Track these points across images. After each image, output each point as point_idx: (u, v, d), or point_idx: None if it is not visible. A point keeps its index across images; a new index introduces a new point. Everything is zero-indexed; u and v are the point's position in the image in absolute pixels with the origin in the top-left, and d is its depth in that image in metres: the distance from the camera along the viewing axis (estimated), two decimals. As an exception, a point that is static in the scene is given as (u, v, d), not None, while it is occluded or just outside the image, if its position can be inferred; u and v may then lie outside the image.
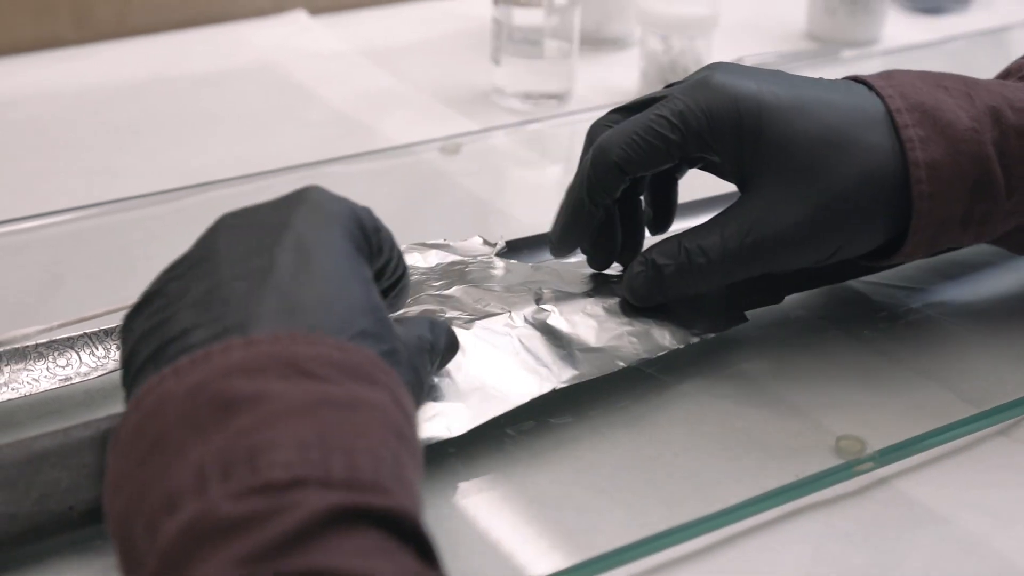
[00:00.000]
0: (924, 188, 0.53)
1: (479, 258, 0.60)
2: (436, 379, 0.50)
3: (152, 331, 0.40)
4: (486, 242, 0.63)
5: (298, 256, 0.41)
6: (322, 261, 0.41)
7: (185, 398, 0.36)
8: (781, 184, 0.53)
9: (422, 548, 0.34)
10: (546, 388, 0.51)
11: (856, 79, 0.57)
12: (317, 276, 0.40)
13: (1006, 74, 0.61)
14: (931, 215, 0.54)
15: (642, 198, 0.59)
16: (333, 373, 0.37)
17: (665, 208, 0.60)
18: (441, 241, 0.62)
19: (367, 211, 0.45)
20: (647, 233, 0.60)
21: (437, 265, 0.60)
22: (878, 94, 0.55)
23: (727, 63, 0.56)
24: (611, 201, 0.55)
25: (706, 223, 0.55)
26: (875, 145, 0.53)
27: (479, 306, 0.54)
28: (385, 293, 0.48)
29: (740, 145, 0.53)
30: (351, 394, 0.37)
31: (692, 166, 0.58)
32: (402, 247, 0.49)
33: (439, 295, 0.56)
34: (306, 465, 0.33)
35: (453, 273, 0.58)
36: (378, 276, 0.47)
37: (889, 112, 0.54)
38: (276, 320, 0.38)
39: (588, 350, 0.53)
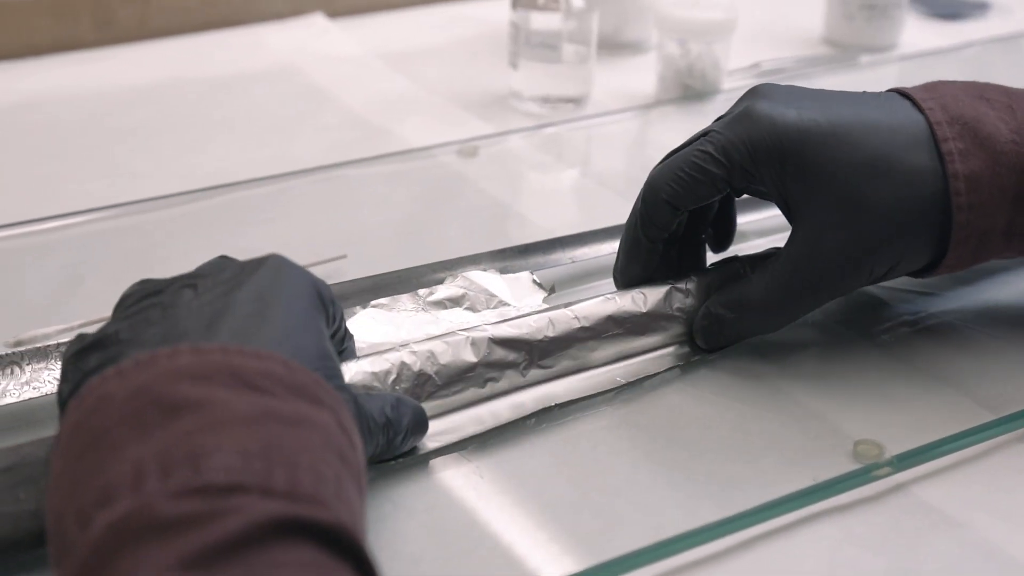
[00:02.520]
0: (963, 200, 0.53)
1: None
2: None
3: (99, 363, 0.39)
4: (536, 282, 0.61)
5: (256, 304, 0.41)
6: (279, 309, 0.42)
7: (128, 398, 0.36)
8: (826, 212, 0.54)
9: (361, 567, 0.33)
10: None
11: (899, 92, 0.57)
12: (272, 320, 0.41)
13: None
14: (971, 227, 0.54)
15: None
16: (279, 389, 0.37)
17: (725, 228, 0.60)
18: (493, 272, 0.61)
19: (324, 283, 0.46)
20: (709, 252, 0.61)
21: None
22: (919, 107, 0.55)
23: (769, 86, 0.56)
24: (666, 235, 0.56)
25: (763, 263, 0.56)
26: (918, 166, 0.53)
27: None
28: None
29: (783, 176, 0.54)
30: (296, 411, 0.37)
31: (740, 195, 0.58)
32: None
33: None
34: (248, 472, 0.33)
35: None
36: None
37: (930, 126, 0.54)
38: (226, 342, 0.39)
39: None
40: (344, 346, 0.50)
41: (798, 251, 0.54)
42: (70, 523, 0.34)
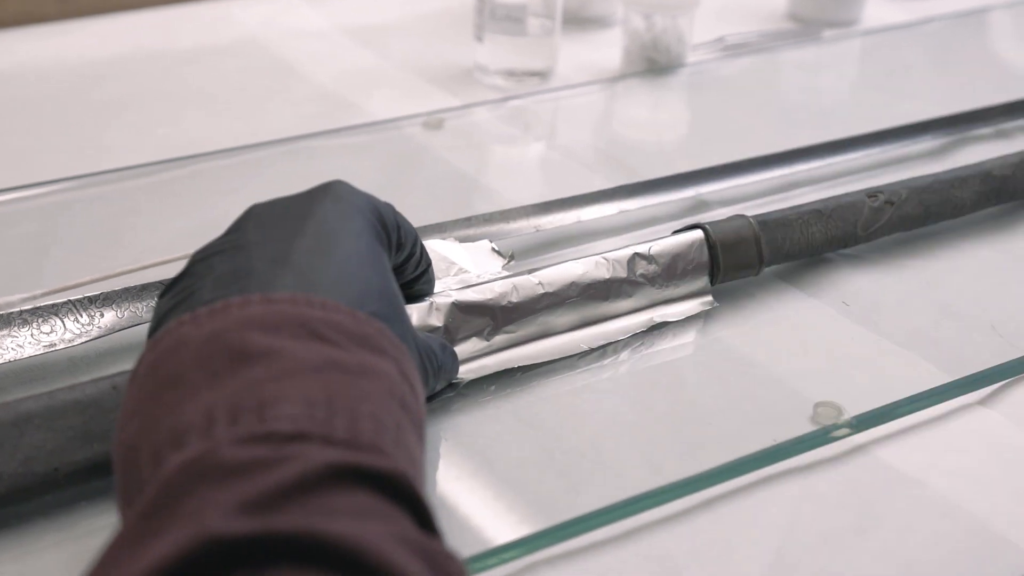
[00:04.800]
0: None
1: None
2: None
3: (177, 305, 0.41)
4: (495, 250, 0.61)
5: (319, 241, 0.42)
6: (342, 246, 0.43)
7: (202, 344, 0.37)
8: None
9: (419, 513, 0.34)
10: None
11: None
12: (336, 259, 0.42)
13: None
14: None
15: None
16: (343, 339, 0.38)
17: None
18: (452, 241, 0.61)
19: (389, 207, 0.47)
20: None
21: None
22: None
23: None
24: None
25: None
26: None
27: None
28: (410, 285, 0.51)
29: None
30: (359, 361, 0.38)
31: None
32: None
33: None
34: (310, 421, 0.34)
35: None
36: (402, 269, 0.49)
37: None
38: (293, 291, 0.40)
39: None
40: (419, 270, 0.51)
41: None
42: (145, 459, 0.35)
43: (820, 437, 0.50)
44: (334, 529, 0.30)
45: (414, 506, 0.34)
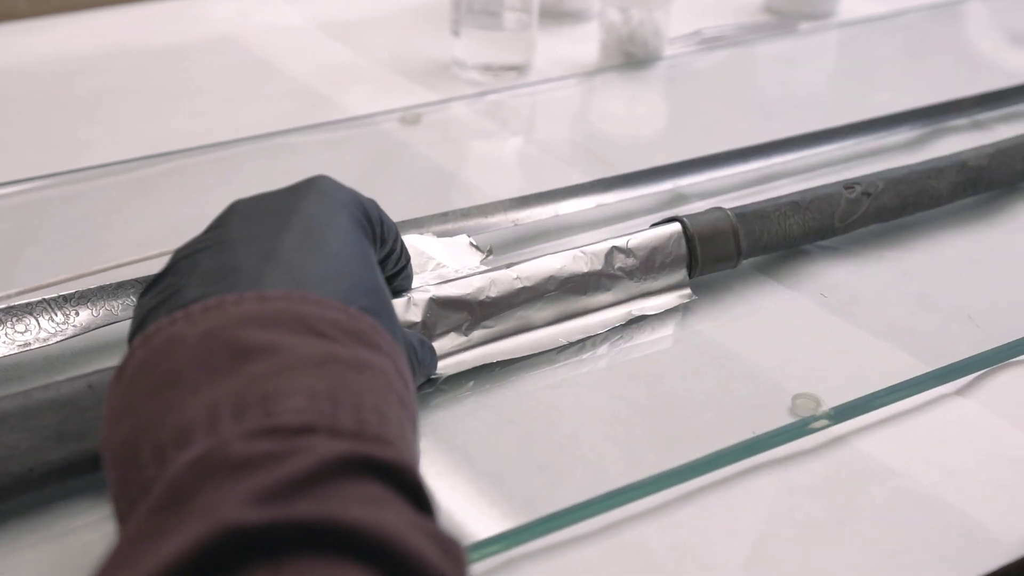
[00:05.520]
0: None
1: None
2: None
3: (161, 303, 0.40)
4: (473, 245, 0.61)
5: (306, 236, 0.42)
6: (329, 241, 0.42)
7: (198, 341, 0.37)
8: None
9: (419, 502, 0.34)
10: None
11: None
12: (323, 254, 0.42)
13: None
14: None
15: None
16: (340, 335, 0.38)
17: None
18: (430, 236, 0.61)
19: (373, 203, 0.47)
20: None
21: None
22: None
23: None
24: None
25: None
26: None
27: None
28: (390, 281, 0.51)
29: None
30: (357, 356, 0.38)
31: None
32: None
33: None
34: (316, 414, 0.34)
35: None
36: (382, 265, 0.49)
37: None
38: (284, 287, 0.39)
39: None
40: (399, 266, 0.51)
41: None
42: (147, 458, 0.35)
43: (799, 429, 0.50)
44: (352, 516, 0.30)
45: (417, 496, 0.34)
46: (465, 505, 0.46)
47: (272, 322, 0.37)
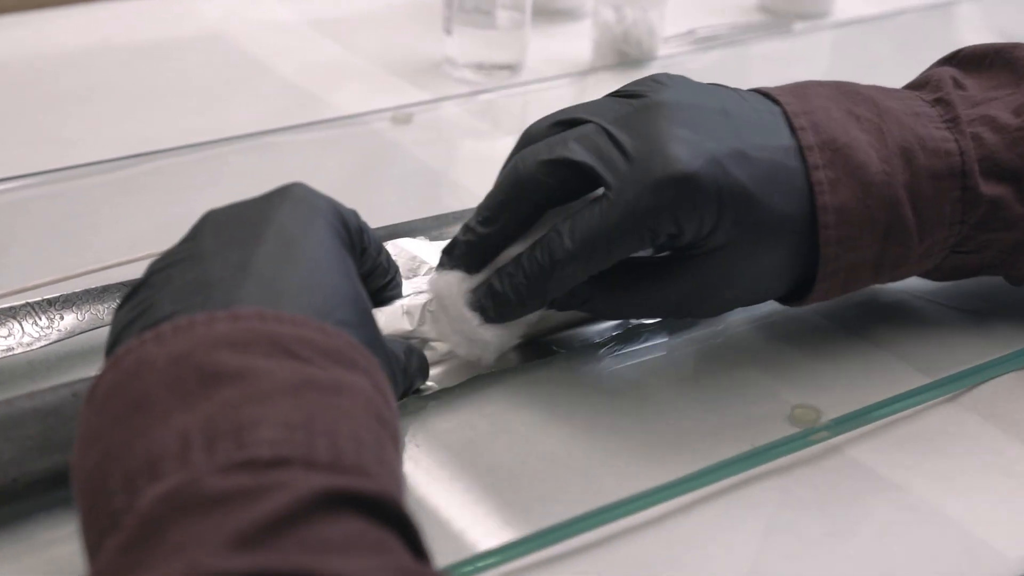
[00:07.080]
0: (832, 234, 0.51)
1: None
2: None
3: (135, 319, 0.39)
4: None
5: (281, 247, 0.41)
6: (304, 251, 0.41)
7: (169, 364, 0.36)
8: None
9: (407, 534, 0.33)
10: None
11: (770, 97, 0.54)
12: (299, 265, 0.41)
13: (922, 83, 0.58)
14: (839, 260, 0.52)
15: None
16: (315, 356, 0.37)
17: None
18: (422, 239, 0.60)
19: (352, 212, 0.46)
20: None
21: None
22: (791, 126, 0.52)
23: (672, 99, 0.53)
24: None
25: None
26: (785, 200, 0.50)
27: None
28: (379, 293, 0.50)
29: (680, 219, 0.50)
30: (333, 377, 0.37)
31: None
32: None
33: None
34: (291, 445, 0.33)
35: None
36: (368, 276, 0.48)
37: (801, 151, 0.51)
38: (258, 303, 0.38)
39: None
40: (387, 278, 0.50)
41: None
42: (115, 486, 0.34)
43: (799, 440, 0.49)
44: (331, 569, 0.29)
45: (402, 527, 0.33)
46: (458, 518, 0.46)
47: (245, 344, 0.36)
